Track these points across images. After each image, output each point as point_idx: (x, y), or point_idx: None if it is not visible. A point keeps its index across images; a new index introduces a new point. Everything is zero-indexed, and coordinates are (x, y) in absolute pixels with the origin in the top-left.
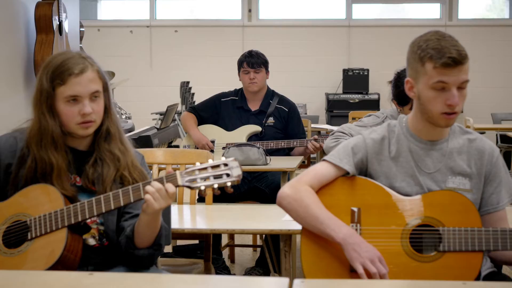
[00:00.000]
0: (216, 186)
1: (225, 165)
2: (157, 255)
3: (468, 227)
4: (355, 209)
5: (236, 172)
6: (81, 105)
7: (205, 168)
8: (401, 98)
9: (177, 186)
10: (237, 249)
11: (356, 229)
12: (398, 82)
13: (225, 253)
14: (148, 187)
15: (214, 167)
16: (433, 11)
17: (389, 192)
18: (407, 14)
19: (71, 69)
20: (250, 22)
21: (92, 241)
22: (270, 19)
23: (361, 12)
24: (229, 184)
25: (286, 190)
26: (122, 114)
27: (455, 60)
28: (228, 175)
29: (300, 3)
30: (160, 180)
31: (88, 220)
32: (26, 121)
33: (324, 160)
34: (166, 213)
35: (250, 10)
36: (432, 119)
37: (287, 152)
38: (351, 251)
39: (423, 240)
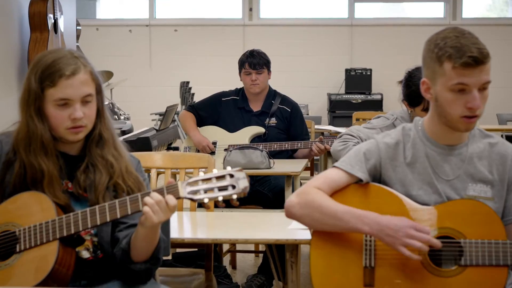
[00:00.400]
0: (220, 198)
1: (231, 176)
2: (155, 269)
3: (492, 239)
4: None
5: (243, 184)
6: (72, 109)
7: (209, 179)
8: (412, 99)
9: (178, 198)
10: (238, 255)
11: (370, 241)
12: (409, 82)
13: (226, 258)
14: (147, 199)
15: (219, 177)
16: (436, 10)
17: (405, 201)
18: (410, 13)
19: (62, 70)
20: (251, 21)
21: (86, 254)
22: (271, 18)
23: (363, 11)
24: (234, 196)
25: (293, 198)
26: (120, 114)
27: (476, 59)
28: (234, 187)
29: (302, 2)
30: (160, 191)
31: (82, 231)
32: (13, 124)
33: (334, 166)
34: (165, 224)
35: (251, 9)
36: (451, 123)
37: (290, 154)
38: (385, 238)
39: (442, 253)
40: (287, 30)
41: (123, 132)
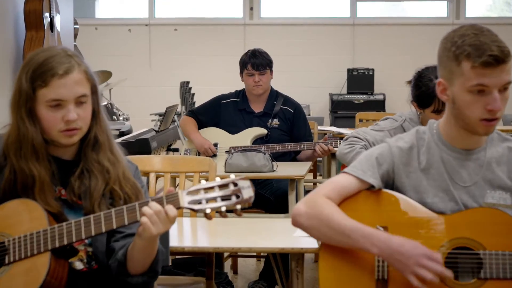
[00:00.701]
0: (223, 209)
1: (235, 184)
2: (153, 282)
3: None
4: (381, 228)
5: (247, 193)
6: (65, 111)
7: (211, 188)
8: (422, 100)
9: (178, 208)
10: (240, 259)
11: None
12: (419, 82)
13: (228, 263)
14: (145, 209)
15: (221, 186)
16: (440, 9)
17: (420, 209)
18: (413, 12)
19: (55, 69)
20: (252, 20)
21: (79, 265)
22: (272, 18)
23: (365, 10)
24: (238, 207)
25: (301, 207)
26: (119, 115)
27: (497, 58)
28: (238, 196)
29: (303, 1)
30: (159, 201)
31: (75, 242)
32: (4, 127)
33: (344, 172)
34: (163, 234)
35: (251, 8)
36: (469, 126)
37: (293, 156)
38: (394, 263)
39: (460, 265)
40: (288, 30)
41: (122, 133)
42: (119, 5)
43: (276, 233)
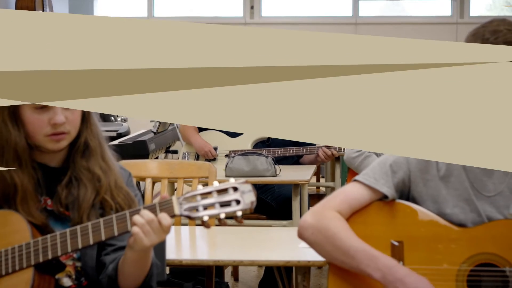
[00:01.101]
0: (223, 216)
1: (235, 189)
2: None
3: None
4: (396, 242)
5: (249, 198)
6: (52, 113)
7: (209, 193)
8: None
9: (173, 216)
10: (241, 266)
11: None
12: None
13: (228, 269)
14: (136, 218)
15: (220, 191)
16: (443, 8)
17: (438, 221)
18: (416, 11)
19: None
20: (252, 19)
21: (67, 282)
22: (273, 17)
23: (368, 9)
24: (239, 213)
25: (308, 218)
26: (117, 116)
27: None
28: (238, 202)
29: (305, 0)
30: (152, 209)
31: (61, 256)
32: None
33: (355, 180)
34: (159, 245)
35: (252, 7)
36: None
37: (296, 159)
38: None
39: (483, 283)
40: (290, 29)
41: (120, 135)
42: (117, 4)
43: (280, 244)
